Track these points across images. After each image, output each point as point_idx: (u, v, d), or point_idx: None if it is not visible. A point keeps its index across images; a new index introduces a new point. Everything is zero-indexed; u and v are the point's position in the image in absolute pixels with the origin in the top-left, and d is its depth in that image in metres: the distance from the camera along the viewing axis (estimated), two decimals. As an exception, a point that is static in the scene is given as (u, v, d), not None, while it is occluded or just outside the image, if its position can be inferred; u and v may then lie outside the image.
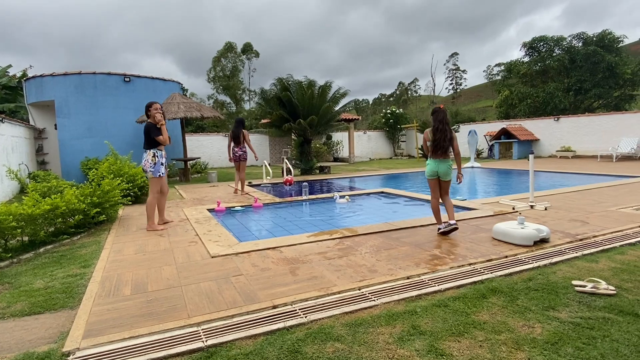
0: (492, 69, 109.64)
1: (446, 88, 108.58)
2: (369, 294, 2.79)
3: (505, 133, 18.81)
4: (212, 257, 3.73)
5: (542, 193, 6.91)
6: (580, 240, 4.02)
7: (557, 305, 2.57)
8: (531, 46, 23.77)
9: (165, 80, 13.78)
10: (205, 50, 78.85)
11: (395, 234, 4.42)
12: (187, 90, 52.39)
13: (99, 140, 12.19)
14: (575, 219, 4.90)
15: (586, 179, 9.41)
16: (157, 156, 5.28)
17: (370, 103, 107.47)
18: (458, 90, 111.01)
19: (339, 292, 2.82)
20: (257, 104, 14.20)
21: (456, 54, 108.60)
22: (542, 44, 23.14)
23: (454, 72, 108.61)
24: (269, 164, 21.80)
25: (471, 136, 13.56)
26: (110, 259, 3.84)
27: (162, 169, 5.28)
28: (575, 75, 22.05)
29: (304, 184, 7.44)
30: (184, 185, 10.88)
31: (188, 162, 12.52)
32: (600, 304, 2.59)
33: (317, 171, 14.12)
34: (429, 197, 7.16)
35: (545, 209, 5.58)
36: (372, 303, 2.63)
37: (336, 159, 22.62)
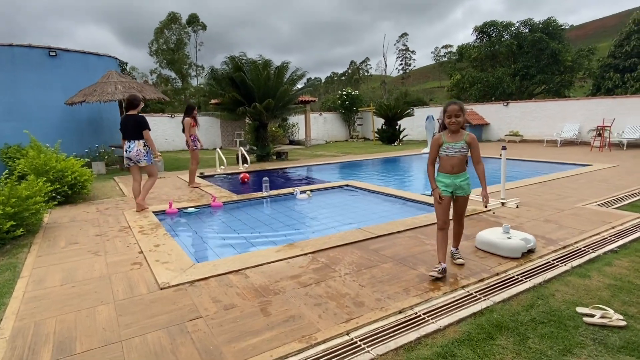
0: (440, 50, 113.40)
1: (396, 68, 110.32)
2: (360, 341, 2.32)
3: (458, 117, 19.10)
4: (162, 289, 3.07)
5: (506, 186, 6.82)
6: (564, 248, 3.84)
7: (573, 347, 2.27)
8: (482, 30, 24.21)
9: (99, 55, 12.20)
10: (146, 19, 72.91)
11: (373, 244, 3.99)
12: (126, 64, 48.40)
13: (21, 125, 10.54)
14: (550, 220, 4.77)
15: (541, 168, 9.64)
16: (146, 145, 5.79)
17: (323, 82, 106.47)
18: (407, 71, 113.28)
19: (324, 341, 2.32)
20: (207, 84, 13.05)
21: (406, 34, 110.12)
22: (492, 28, 23.63)
23: (404, 52, 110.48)
24: (221, 148, 20.66)
25: (429, 122, 13.49)
26: (27, 295, 3.04)
27: (150, 156, 5.86)
28: (522, 61, 22.84)
29: (265, 179, 6.80)
30: (124, 176, 9.74)
31: (130, 149, 11.25)
32: (616, 341, 2.32)
33: (274, 157, 13.42)
34: (395, 192, 6.93)
35: (517, 207, 5.45)
36: (368, 357, 2.17)
37: (292, 142, 21.94)
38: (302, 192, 6.81)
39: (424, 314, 2.64)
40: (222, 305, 2.78)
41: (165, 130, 19.26)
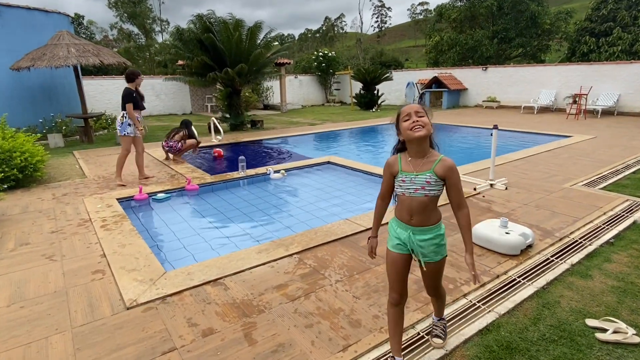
0: (416, 7, 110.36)
1: (372, 26, 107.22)
2: (361, 377, 2.05)
3: (436, 82, 18.78)
4: (128, 308, 2.68)
5: (488, 162, 6.63)
6: (560, 240, 3.68)
7: (591, 374, 2.09)
8: (461, -11, 23.34)
9: (47, 12, 10.84)
10: (101, -32, 66.56)
11: (363, 240, 3.70)
12: (82, 17, 44.58)
13: (-40, 92, 9.42)
14: (541, 205, 4.61)
15: (521, 138, 9.54)
16: (124, 117, 5.83)
17: (296, 39, 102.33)
18: (383, 29, 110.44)
19: (320, 379, 2.03)
20: (173, 45, 11.95)
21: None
22: (472, -13, 22.81)
23: (380, 9, 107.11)
24: (190, 113, 19.57)
25: (409, 88, 13.09)
26: (-35, 321, 2.58)
27: (129, 129, 5.85)
28: (501, 23, 22.36)
29: (241, 157, 6.30)
30: (85, 150, 8.95)
31: (90, 119, 10.32)
32: (633, 363, 2.16)
33: (249, 126, 12.75)
34: (380, 170, 6.62)
35: (506, 188, 5.27)
36: (371, 401, 1.90)
37: (266, 107, 21.09)
38: (275, 171, 6.40)
39: (427, 334, 2.40)
40: (199, 330, 2.43)
41: (129, 94, 17.92)
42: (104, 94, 17.18)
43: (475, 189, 5.19)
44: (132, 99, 5.81)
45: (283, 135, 10.93)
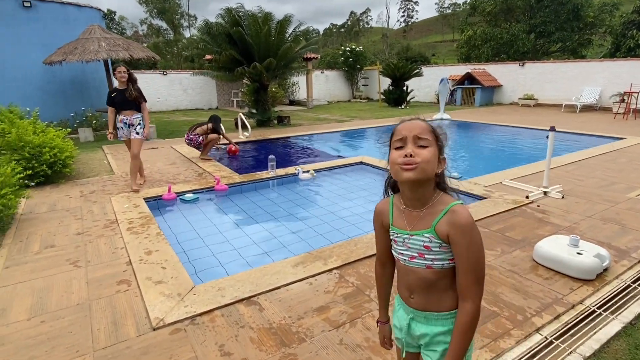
0: (444, 1, 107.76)
1: (398, 20, 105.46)
2: None
3: (469, 78, 18.02)
4: (155, 329, 2.41)
5: (538, 166, 6.09)
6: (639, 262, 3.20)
7: None
8: (497, -19, 22.30)
9: (80, 6, 10.86)
10: (132, -36, 67.78)
11: (408, 255, 3.33)
12: (114, 13, 45.61)
13: (-4, 86, 9.54)
14: (607, 218, 4.10)
15: (567, 139, 8.87)
16: (118, 120, 5.35)
17: (321, 34, 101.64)
18: (409, 24, 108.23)
19: None
20: (202, 40, 11.82)
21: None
22: (510, -21, 21.76)
23: (407, 3, 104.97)
24: (217, 108, 19.52)
25: (443, 85, 12.47)
26: (-18, 336, 2.39)
27: (120, 132, 5.38)
28: (540, 16, 21.23)
29: (271, 157, 6.02)
30: (114, 145, 8.90)
31: (119, 114, 10.29)
32: None
33: (275, 122, 12.51)
34: None
35: (562, 197, 4.76)
36: None
37: (292, 102, 20.84)
38: (304, 171, 6.08)
39: (499, 380, 2.02)
40: (233, 361, 2.14)
41: (157, 89, 18.06)
42: (133, 89, 17.30)
43: (527, 197, 4.71)
44: (107, 100, 5.27)
45: (311, 132, 10.61)
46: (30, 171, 5.34)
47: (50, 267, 3.24)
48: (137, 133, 5.32)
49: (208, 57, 18.86)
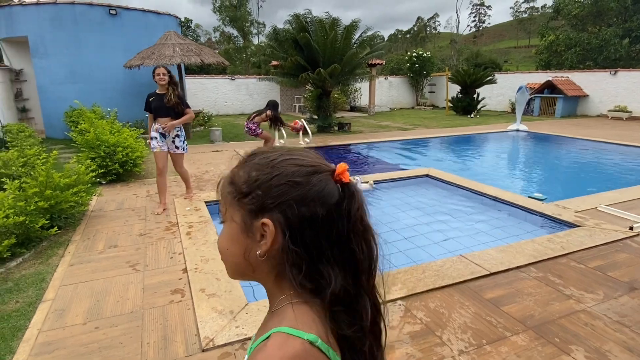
0: (520, 5, 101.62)
1: (468, 25, 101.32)
2: None
3: (549, 86, 16.50)
4: (204, 350, 2.25)
5: (631, 193, 5.20)
6: None
7: None
8: (587, -19, 20.27)
9: (159, 13, 11.56)
10: (210, -25, 72.22)
11: (487, 289, 2.88)
12: (191, 21, 48.69)
13: (85, 88, 10.43)
14: None
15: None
16: (153, 128, 4.66)
17: (386, 39, 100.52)
18: (480, 29, 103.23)
19: None
20: (269, 46, 12.01)
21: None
22: (602, -22, 19.67)
23: (478, 7, 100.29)
24: (280, 113, 19.89)
25: (521, 93, 11.46)
26: (40, 339, 2.38)
27: (154, 142, 4.60)
28: (637, 19, 18.93)
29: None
30: (182, 146, 9.26)
31: (188, 116, 10.74)
32: None
33: (336, 128, 12.33)
34: (491, 190, 5.32)
35: (678, 232, 3.95)
36: None
37: (353, 108, 20.60)
38: (363, 181, 5.75)
39: None
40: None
41: (225, 93, 18.79)
42: (203, 92, 18.20)
43: (631, 228, 3.98)
44: (145, 105, 4.61)
45: (372, 140, 10.26)
46: (104, 169, 5.63)
47: (111, 268, 3.27)
48: (177, 147, 4.62)
49: (274, 63, 19.28)
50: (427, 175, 6.29)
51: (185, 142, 4.76)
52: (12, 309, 2.69)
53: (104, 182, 5.79)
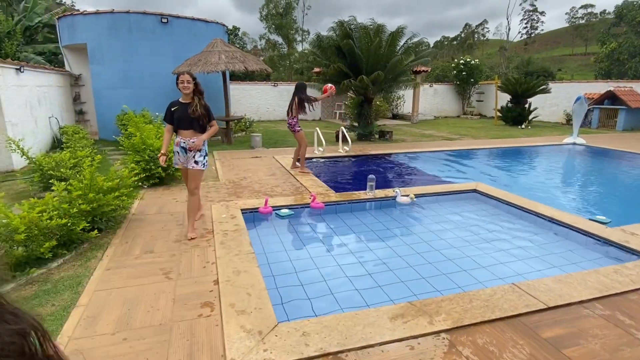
0: (577, 11, 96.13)
1: (519, 32, 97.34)
2: None
3: (610, 97, 15.27)
4: (229, 374, 2.13)
5: None
6: None
7: None
8: (658, -17, 18.64)
9: (207, 22, 11.92)
10: (258, -16, 74.39)
11: (545, 327, 2.55)
12: (238, 29, 50.34)
13: (136, 92, 10.91)
14: None
15: None
16: (174, 142, 4.14)
17: (431, 46, 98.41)
18: (532, 35, 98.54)
19: None
20: (312, 53, 12.01)
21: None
22: (675, -21, 18.02)
23: (531, 13, 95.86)
24: (319, 119, 19.82)
25: (579, 104, 10.63)
26: (70, 346, 2.37)
27: (176, 158, 4.15)
28: None
29: (371, 177, 5.57)
30: (224, 151, 9.41)
31: (231, 122, 10.94)
32: None
33: (377, 136, 12.06)
34: (547, 211, 4.78)
35: None
36: None
37: (395, 116, 20.19)
38: (404, 194, 5.46)
39: None
40: None
41: (267, 99, 19.06)
42: (246, 98, 18.57)
43: None
44: (165, 115, 4.05)
45: (414, 150, 9.89)
46: (148, 172, 5.76)
47: (145, 275, 3.25)
48: (197, 162, 3.96)
49: (316, 70, 19.32)
50: (474, 190, 5.89)
51: (207, 157, 4.10)
52: (48, 312, 2.72)
53: (146, 185, 5.93)
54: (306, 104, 6.93)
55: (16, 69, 7.82)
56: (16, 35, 13.89)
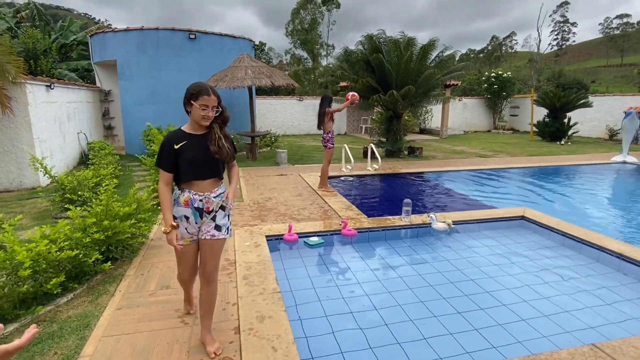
0: (612, 21, 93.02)
1: (549, 44, 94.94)
2: None
3: (659, 111, 14.17)
4: None
5: None
6: None
7: None
8: None
9: (234, 37, 11.86)
10: (286, 0, 75.70)
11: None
12: (265, 44, 51.17)
13: (162, 108, 10.89)
14: None
15: None
16: (175, 196, 2.53)
17: (457, 59, 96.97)
18: (563, 47, 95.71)
19: None
20: (339, 67, 11.72)
21: (566, 3, 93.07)
22: None
23: (561, 25, 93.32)
24: (345, 134, 19.45)
25: (630, 119, 9.81)
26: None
27: (183, 225, 2.47)
28: None
29: (407, 201, 5.10)
30: (248, 168, 9.15)
31: (256, 138, 10.71)
32: None
33: (406, 153, 11.55)
34: (612, 244, 4.07)
35: None
36: None
37: (422, 131, 19.62)
38: (441, 220, 4.96)
39: None
40: None
41: (293, 113, 18.91)
42: (272, 113, 18.48)
43: None
44: (161, 159, 2.47)
45: (447, 168, 9.32)
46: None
47: (158, 317, 2.90)
48: (219, 228, 2.52)
49: (343, 84, 19.03)
50: (522, 217, 5.30)
51: (231, 218, 2.67)
52: (47, 365, 2.39)
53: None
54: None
55: (46, 85, 7.86)
56: (52, 52, 14.32)
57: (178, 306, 3.05)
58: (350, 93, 6.77)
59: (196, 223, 2.49)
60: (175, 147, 2.41)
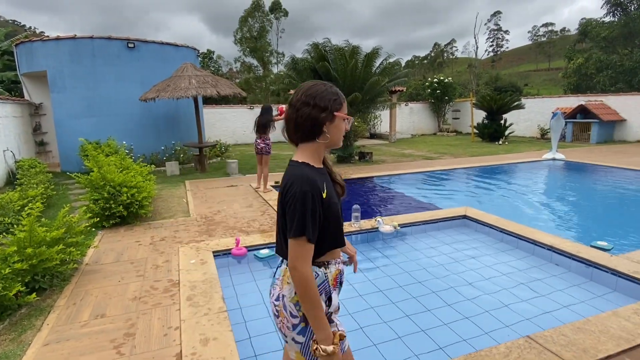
0: (539, 29, 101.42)
1: (485, 50, 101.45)
2: None
3: (582, 111, 15.62)
4: None
5: None
6: None
7: None
8: (616, 3, 19.57)
9: (177, 46, 11.49)
10: (234, 7, 74.80)
11: (574, 398, 2.13)
12: (213, 52, 50.11)
13: (101, 120, 10.28)
14: None
15: None
16: (319, 280, 1.58)
17: (403, 66, 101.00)
18: (498, 53, 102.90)
19: None
20: (287, 75, 11.73)
21: (499, 12, 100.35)
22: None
23: (495, 32, 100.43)
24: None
25: (556, 119, 10.68)
26: None
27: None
28: (673, 39, 18.02)
29: (355, 207, 5.16)
30: (196, 180, 8.84)
31: (204, 149, 10.39)
32: None
33: (357, 158, 11.76)
34: (544, 237, 4.41)
35: None
36: None
37: (373, 135, 20.10)
38: (387, 223, 5.08)
39: None
40: None
41: (244, 122, 18.62)
42: (221, 122, 18.07)
43: None
44: (303, 220, 1.40)
45: (396, 172, 9.60)
46: (107, 212, 5.16)
47: (91, 350, 2.67)
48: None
49: (292, 91, 19.02)
50: (464, 216, 5.55)
51: None
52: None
53: (106, 226, 5.31)
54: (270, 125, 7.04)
55: (-38, 100, 7.12)
56: (-29, 63, 13.06)
57: (113, 336, 2.83)
58: (283, 107, 7.21)
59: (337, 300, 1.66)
60: (323, 195, 1.46)
